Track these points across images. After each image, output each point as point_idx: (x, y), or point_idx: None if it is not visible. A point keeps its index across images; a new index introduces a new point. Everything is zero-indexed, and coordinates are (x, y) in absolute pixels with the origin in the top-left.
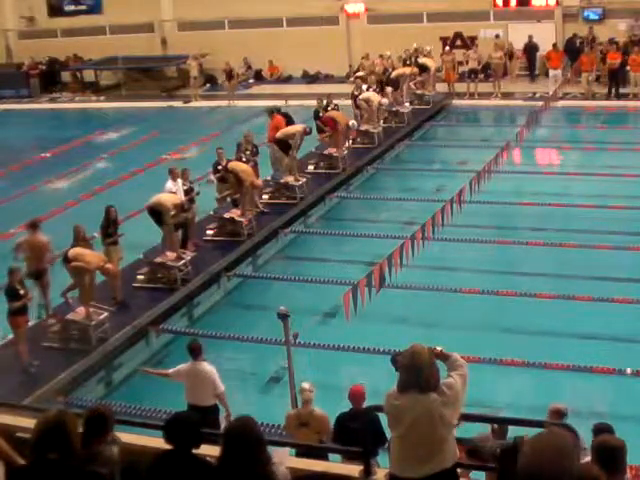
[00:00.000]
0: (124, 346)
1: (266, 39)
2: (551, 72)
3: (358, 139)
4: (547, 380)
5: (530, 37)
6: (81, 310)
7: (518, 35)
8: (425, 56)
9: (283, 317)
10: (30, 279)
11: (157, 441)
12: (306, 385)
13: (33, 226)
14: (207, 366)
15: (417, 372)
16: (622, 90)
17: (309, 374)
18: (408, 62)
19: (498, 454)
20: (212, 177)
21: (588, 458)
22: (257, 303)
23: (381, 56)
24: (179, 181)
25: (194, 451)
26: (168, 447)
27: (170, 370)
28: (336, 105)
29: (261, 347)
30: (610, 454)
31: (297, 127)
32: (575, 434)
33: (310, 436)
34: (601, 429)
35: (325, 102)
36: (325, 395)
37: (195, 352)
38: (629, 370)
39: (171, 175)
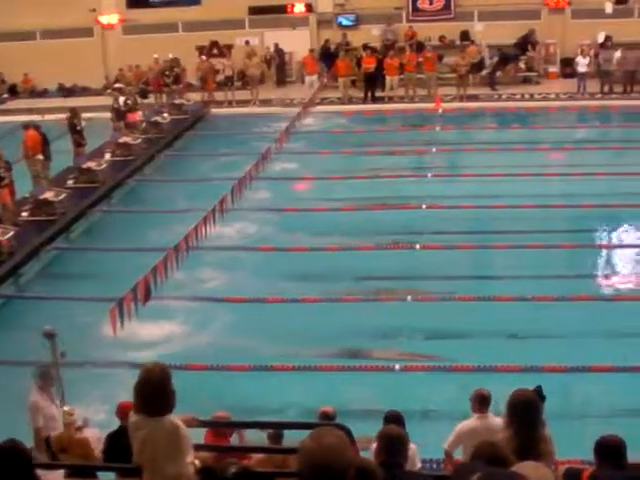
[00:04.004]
0: None
1: (19, 53)
2: (307, 78)
3: (117, 151)
4: (319, 382)
5: (276, 45)
6: None
7: (274, 43)
8: (177, 66)
9: (49, 336)
10: None
11: None
12: (66, 408)
13: None
14: None
15: (150, 393)
16: (378, 94)
17: (83, 394)
18: (167, 72)
19: (230, 475)
20: None
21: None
22: (22, 324)
23: (137, 67)
24: None
25: None
26: None
27: None
28: (81, 122)
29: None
30: (393, 442)
31: None
32: (349, 431)
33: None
34: (392, 417)
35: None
36: (93, 415)
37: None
38: (397, 366)
39: None
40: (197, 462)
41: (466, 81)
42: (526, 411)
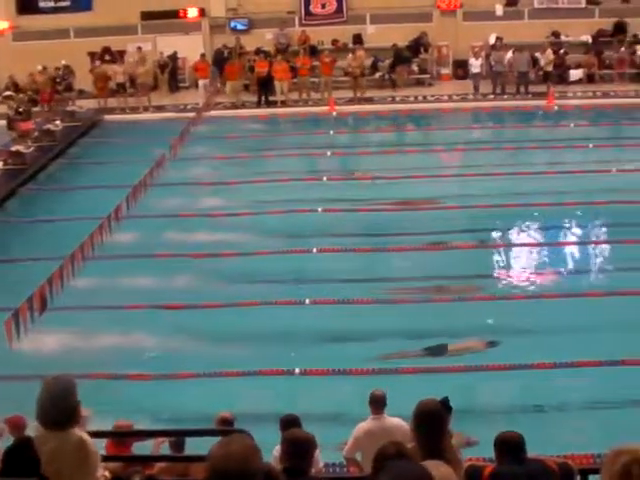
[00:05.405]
0: None
1: None
2: (200, 82)
3: (9, 160)
4: (218, 388)
5: (175, 52)
6: None
7: (167, 48)
8: (69, 73)
9: None
10: None
11: None
12: None
13: None
14: None
15: (51, 406)
16: (272, 98)
17: None
18: (58, 80)
19: None
20: None
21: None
22: None
23: (31, 74)
24: None
25: None
26: None
27: None
28: None
29: None
30: (298, 447)
31: None
32: (251, 437)
33: None
34: (288, 420)
35: None
36: None
37: None
38: (297, 370)
39: None
40: (107, 474)
41: (360, 83)
42: (431, 422)
